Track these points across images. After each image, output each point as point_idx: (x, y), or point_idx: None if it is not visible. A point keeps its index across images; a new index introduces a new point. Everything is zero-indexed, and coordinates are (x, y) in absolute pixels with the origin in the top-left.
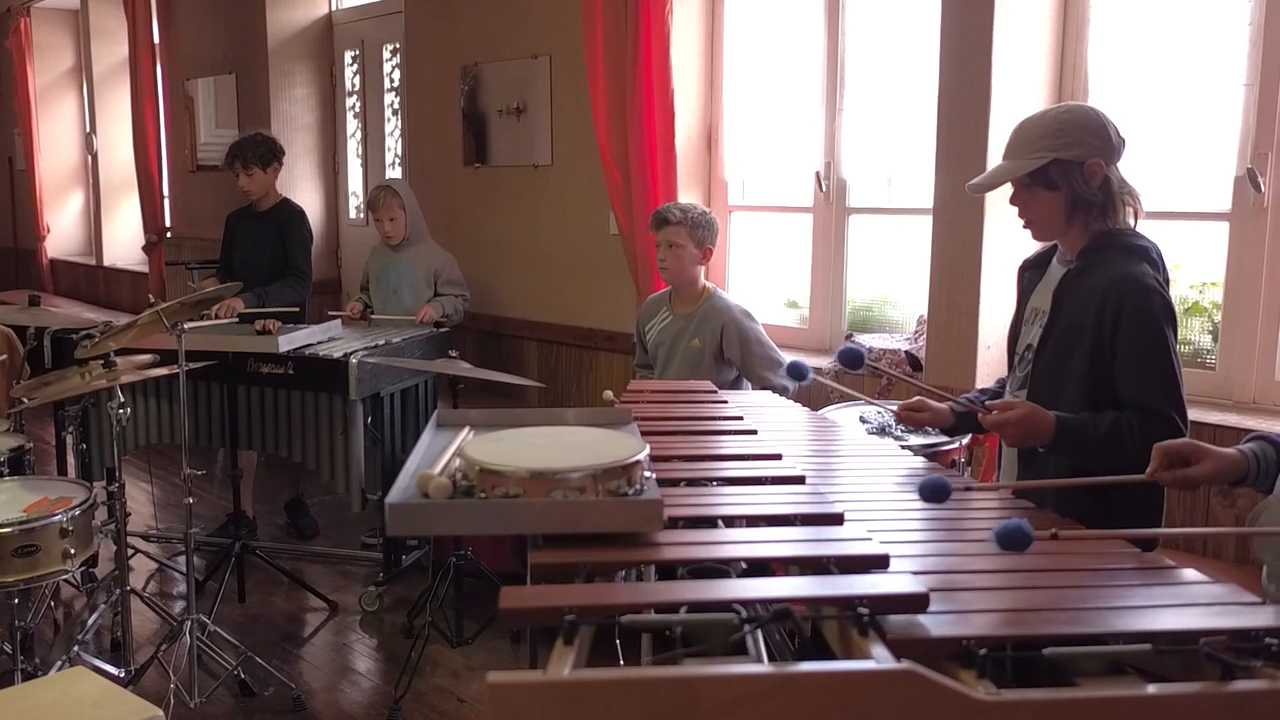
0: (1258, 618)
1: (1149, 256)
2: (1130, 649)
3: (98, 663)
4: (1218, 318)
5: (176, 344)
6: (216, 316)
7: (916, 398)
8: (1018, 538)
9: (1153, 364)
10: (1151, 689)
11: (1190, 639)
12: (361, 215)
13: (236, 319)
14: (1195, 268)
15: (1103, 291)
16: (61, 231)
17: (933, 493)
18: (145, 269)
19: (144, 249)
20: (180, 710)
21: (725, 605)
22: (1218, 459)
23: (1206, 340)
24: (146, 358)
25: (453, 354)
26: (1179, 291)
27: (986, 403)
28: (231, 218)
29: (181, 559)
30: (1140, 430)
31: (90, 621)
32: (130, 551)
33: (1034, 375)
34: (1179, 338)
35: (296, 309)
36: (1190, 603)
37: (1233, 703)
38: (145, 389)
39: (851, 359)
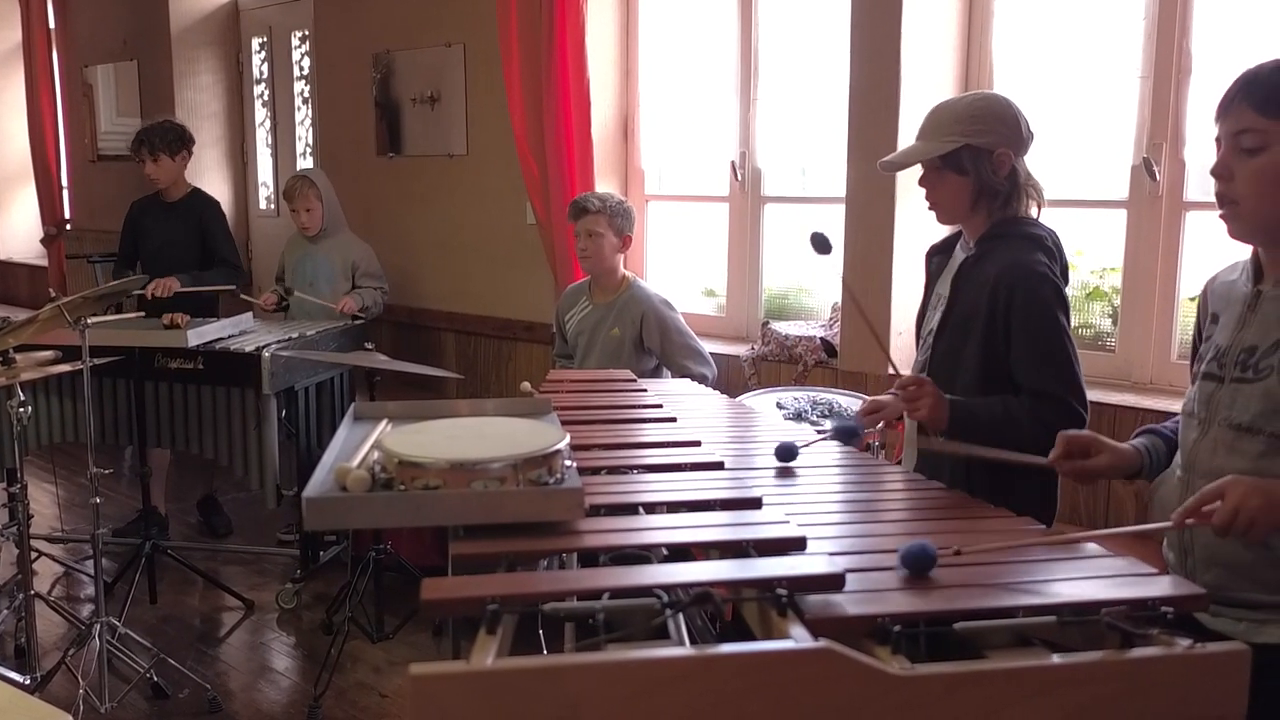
0: (1154, 588)
1: (1043, 244)
2: (1036, 621)
3: (1, 670)
4: (1117, 302)
5: (80, 339)
6: (152, 295)
7: (869, 400)
8: (922, 561)
9: (1045, 349)
10: (1056, 658)
11: (1092, 610)
12: (272, 206)
13: (145, 313)
14: (1095, 254)
15: (994, 279)
16: None
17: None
18: (44, 263)
19: (42, 242)
20: (90, 716)
21: (647, 590)
22: (1115, 454)
23: (1107, 324)
24: (48, 354)
25: (369, 346)
26: (1080, 277)
27: (901, 378)
28: (135, 208)
29: (89, 561)
30: (1034, 413)
31: None
32: (34, 555)
33: (932, 360)
34: (1081, 322)
35: (233, 287)
36: (1092, 575)
37: (1132, 669)
38: (47, 386)
39: (820, 244)
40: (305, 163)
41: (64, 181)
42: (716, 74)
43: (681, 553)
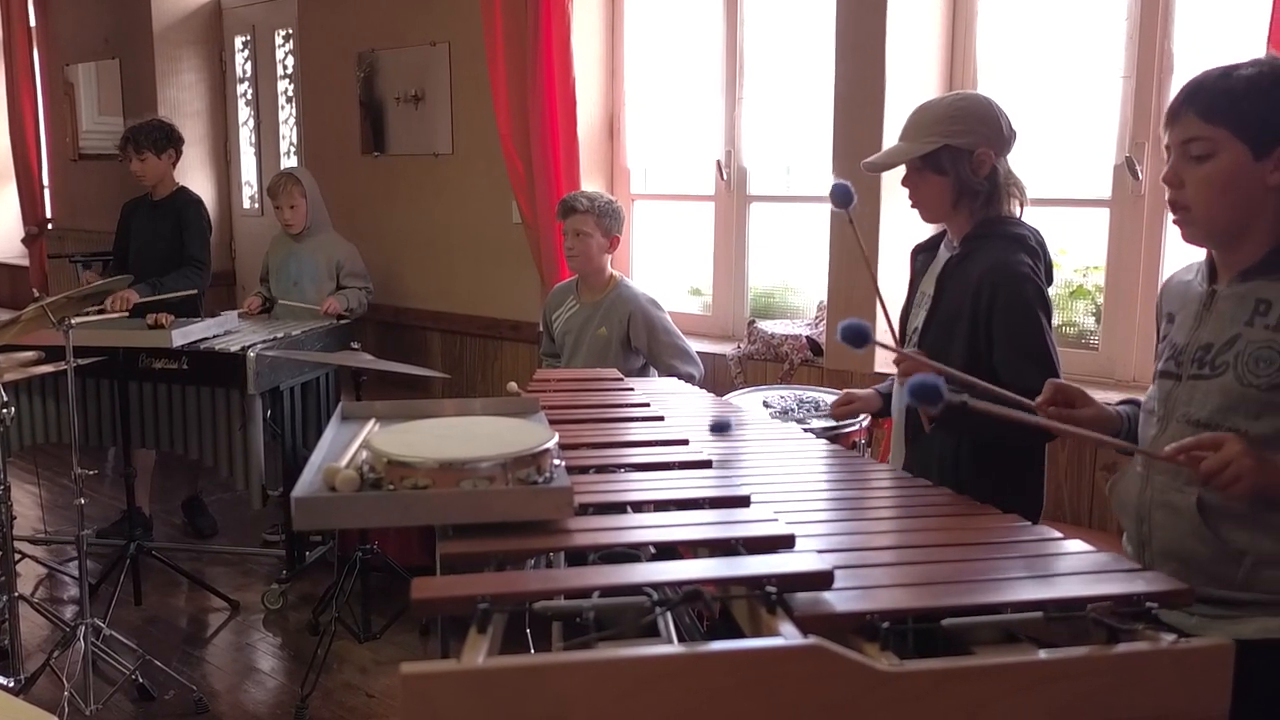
0: (1138, 583)
1: (1026, 244)
2: (1023, 617)
3: None
4: (1100, 300)
5: (64, 340)
6: (111, 310)
7: (843, 392)
8: (930, 392)
9: (1028, 349)
10: (1043, 654)
11: (1078, 606)
12: (256, 205)
13: (128, 313)
14: (1079, 252)
15: (978, 278)
16: None
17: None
18: (25, 262)
19: (24, 241)
20: (75, 718)
21: (637, 589)
22: (1099, 409)
23: (1090, 322)
24: (31, 355)
25: (355, 346)
26: (1064, 275)
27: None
28: (127, 207)
29: (72, 563)
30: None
31: None
32: (17, 556)
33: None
34: (1065, 320)
35: (194, 291)
36: (1076, 571)
37: (1118, 664)
38: (31, 387)
39: (842, 196)
40: (289, 162)
41: (45, 181)
42: (702, 72)
43: (668, 551)
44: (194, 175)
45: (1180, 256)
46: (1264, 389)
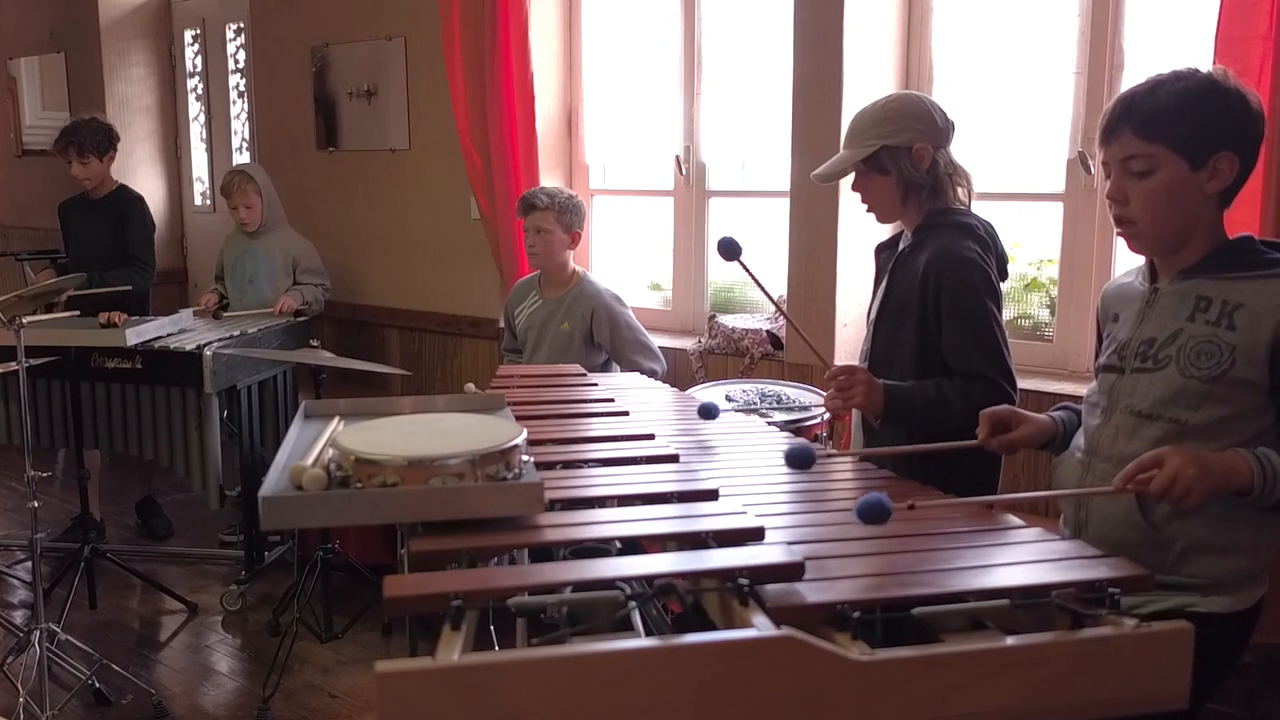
0: (1101, 570)
1: (974, 233)
2: (989, 605)
3: None
4: (1054, 293)
5: (15, 339)
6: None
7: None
8: (877, 511)
9: (974, 332)
10: (1010, 640)
11: (1043, 593)
12: (208, 202)
13: (75, 311)
14: (1033, 246)
15: (925, 266)
16: None
17: (800, 459)
18: None
19: None
20: None
21: (610, 583)
22: (1033, 424)
23: (1045, 314)
24: None
25: (314, 343)
26: (1018, 269)
27: (832, 369)
28: (64, 208)
29: (20, 567)
30: (965, 394)
31: None
32: None
33: (872, 348)
34: (1020, 313)
35: (128, 288)
36: (1040, 559)
37: (1082, 648)
38: None
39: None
40: (242, 158)
41: None
42: (660, 68)
43: (633, 546)
44: (144, 172)
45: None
46: (1204, 381)
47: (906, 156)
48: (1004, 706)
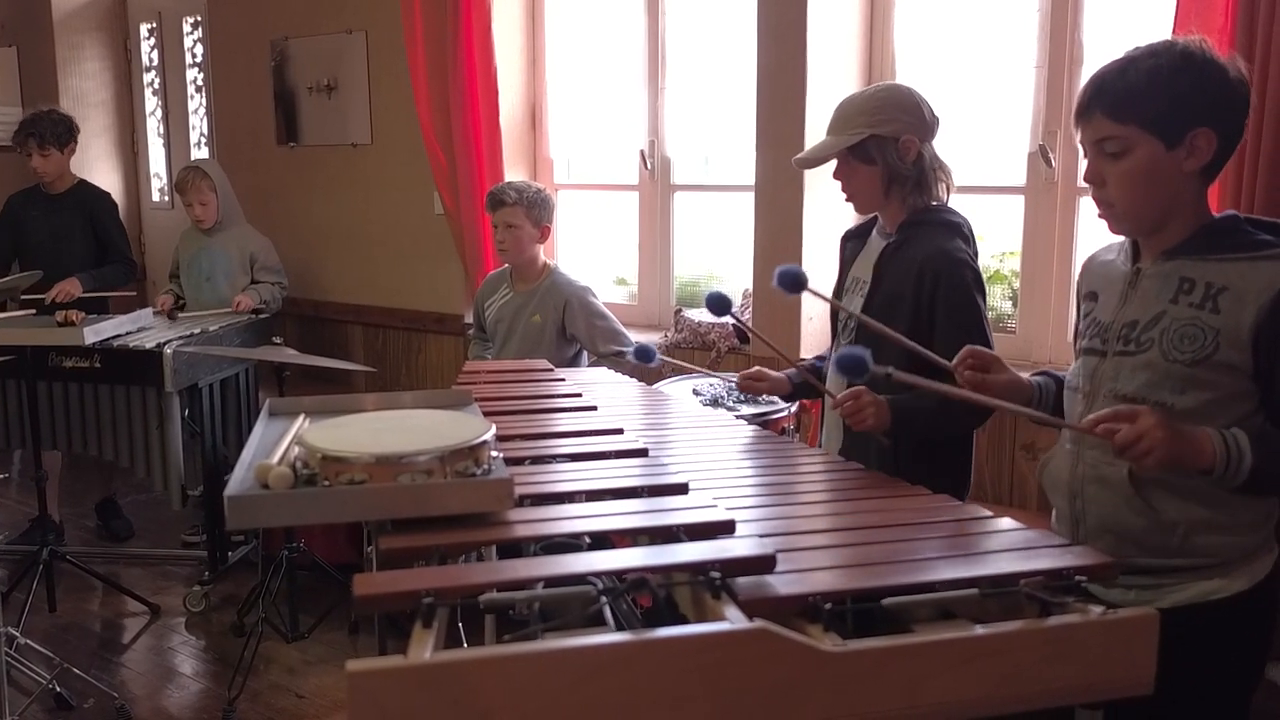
0: (1067, 558)
1: (961, 232)
2: (958, 594)
3: None
4: (1017, 285)
5: None
6: (52, 301)
7: (755, 368)
8: (856, 364)
9: (969, 332)
10: (979, 629)
11: (1011, 582)
12: (166, 198)
13: (31, 310)
14: (996, 238)
15: (920, 264)
16: None
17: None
18: None
19: None
20: None
21: (582, 578)
22: (1013, 377)
23: (1007, 306)
24: None
25: (277, 341)
26: (981, 261)
27: (837, 396)
28: (15, 200)
29: None
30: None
31: None
32: None
33: (857, 343)
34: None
35: (133, 292)
36: (1008, 548)
37: (1051, 635)
38: None
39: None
40: (200, 153)
41: None
42: (624, 62)
43: (602, 540)
44: (100, 167)
45: (1093, 241)
46: (1188, 364)
47: (893, 147)
48: (974, 694)
